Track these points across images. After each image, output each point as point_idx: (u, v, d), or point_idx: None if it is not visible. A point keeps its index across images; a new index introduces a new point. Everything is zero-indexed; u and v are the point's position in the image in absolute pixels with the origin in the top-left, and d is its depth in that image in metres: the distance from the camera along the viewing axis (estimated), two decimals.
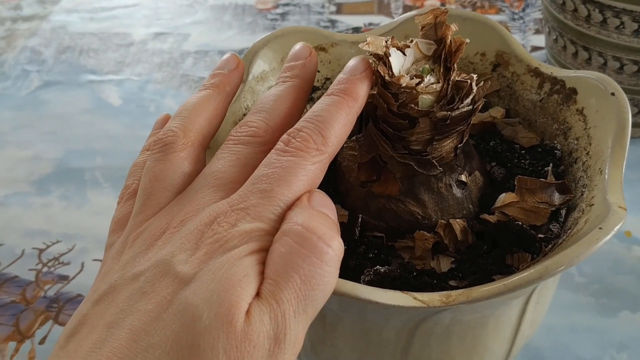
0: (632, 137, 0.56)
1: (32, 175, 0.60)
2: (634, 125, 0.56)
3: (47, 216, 0.56)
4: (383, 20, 0.79)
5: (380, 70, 0.30)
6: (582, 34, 0.52)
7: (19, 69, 0.75)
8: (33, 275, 0.51)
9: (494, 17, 0.78)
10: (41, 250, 0.53)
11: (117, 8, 0.87)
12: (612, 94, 0.34)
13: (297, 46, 0.33)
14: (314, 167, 0.26)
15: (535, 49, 0.71)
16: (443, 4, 0.82)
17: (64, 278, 0.50)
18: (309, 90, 0.32)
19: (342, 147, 0.35)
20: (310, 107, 0.31)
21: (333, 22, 0.79)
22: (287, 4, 0.84)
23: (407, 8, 0.81)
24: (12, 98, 0.71)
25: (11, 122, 0.67)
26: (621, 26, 0.49)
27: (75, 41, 0.80)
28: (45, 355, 0.45)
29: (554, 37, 0.56)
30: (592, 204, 0.31)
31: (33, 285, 0.50)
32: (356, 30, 0.77)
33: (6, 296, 0.49)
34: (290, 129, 0.27)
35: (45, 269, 0.51)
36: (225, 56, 0.34)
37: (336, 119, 0.27)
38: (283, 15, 0.82)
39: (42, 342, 0.46)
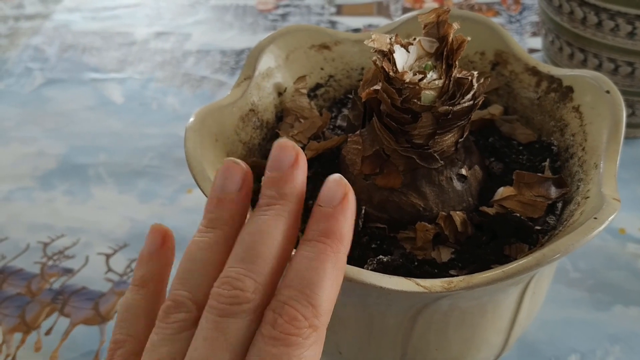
0: (626, 138, 0.58)
1: (36, 171, 0.61)
2: (628, 125, 0.57)
3: (52, 211, 0.57)
4: (382, 22, 0.80)
5: (384, 66, 0.31)
6: (578, 36, 0.53)
7: (22, 67, 0.76)
8: (38, 268, 0.52)
9: None
10: (46, 244, 0.54)
11: (119, 7, 0.88)
12: (607, 91, 0.35)
13: (278, 148, 0.26)
14: (310, 352, 0.23)
15: (531, 51, 0.72)
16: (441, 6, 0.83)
17: (68, 271, 0.51)
18: (300, 211, 0.26)
19: (346, 141, 0.36)
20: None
21: (333, 24, 0.80)
22: (287, 5, 0.85)
23: (406, 10, 0.82)
24: (16, 95, 0.71)
25: (15, 119, 0.68)
26: (616, 28, 0.50)
27: (78, 40, 0.81)
28: (51, 346, 0.45)
29: (551, 39, 0.57)
30: (588, 197, 0.32)
31: (38, 278, 0.51)
32: (356, 31, 0.78)
33: (11, 288, 0.50)
34: (273, 302, 0.24)
35: (50, 262, 0.52)
36: (225, 166, 0.27)
37: (323, 276, 0.24)
38: (283, 16, 0.83)
39: (48, 332, 0.46)
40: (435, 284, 0.28)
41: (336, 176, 0.26)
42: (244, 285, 0.23)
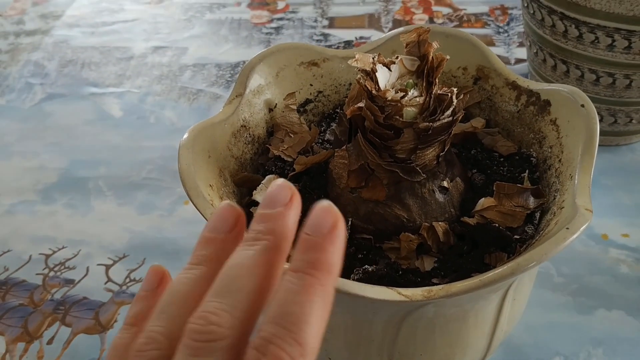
0: (609, 145, 0.60)
1: (37, 185, 0.63)
2: (611, 134, 0.59)
3: (53, 223, 0.58)
4: (374, 34, 0.82)
5: (367, 85, 0.33)
6: (560, 48, 0.55)
7: (22, 82, 0.78)
8: (40, 280, 0.53)
9: (479, 31, 0.81)
10: (47, 256, 0.55)
11: (118, 23, 0.90)
12: (582, 105, 0.37)
13: (275, 186, 0.25)
14: None
15: (518, 61, 0.74)
16: (431, 18, 0.85)
17: (70, 282, 0.53)
18: (287, 251, 0.24)
19: (334, 155, 0.37)
20: None
21: (325, 36, 0.82)
22: (281, 19, 0.87)
23: (396, 22, 0.84)
24: (17, 110, 0.73)
25: (16, 134, 0.69)
26: (596, 41, 0.52)
27: (77, 55, 0.83)
28: (53, 355, 0.47)
29: (535, 51, 0.59)
30: (563, 207, 0.33)
31: (40, 289, 0.52)
32: (348, 43, 0.80)
33: (14, 299, 0.52)
34: (257, 339, 0.22)
35: (51, 274, 0.54)
36: (219, 209, 0.26)
37: (311, 312, 0.22)
38: (277, 29, 0.85)
39: (50, 342, 0.48)
40: (416, 293, 0.29)
41: (325, 203, 0.24)
42: (220, 320, 0.22)
